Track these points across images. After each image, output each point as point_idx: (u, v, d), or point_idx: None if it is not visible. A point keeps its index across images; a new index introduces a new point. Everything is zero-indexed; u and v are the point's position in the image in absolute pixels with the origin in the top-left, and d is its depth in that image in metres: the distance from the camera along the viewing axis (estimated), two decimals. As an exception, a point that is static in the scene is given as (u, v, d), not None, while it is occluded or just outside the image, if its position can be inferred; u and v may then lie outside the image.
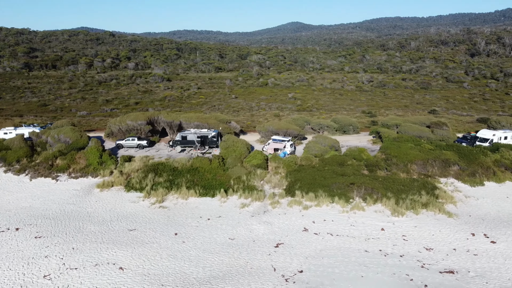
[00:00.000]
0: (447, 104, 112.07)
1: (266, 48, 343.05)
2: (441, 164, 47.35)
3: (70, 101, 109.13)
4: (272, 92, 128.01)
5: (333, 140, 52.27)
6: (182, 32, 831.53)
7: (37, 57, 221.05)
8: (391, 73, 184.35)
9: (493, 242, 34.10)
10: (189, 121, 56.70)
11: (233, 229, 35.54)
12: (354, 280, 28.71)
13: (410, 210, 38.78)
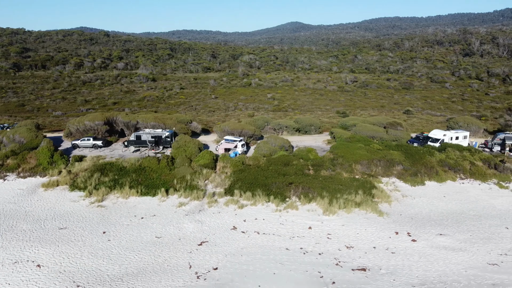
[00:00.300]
0: (424, 104, 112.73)
1: (261, 48, 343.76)
2: (385, 164, 48.08)
3: (50, 101, 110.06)
4: (253, 92, 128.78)
5: (283, 140, 53.03)
6: (181, 32, 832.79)
7: (29, 57, 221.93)
8: (378, 73, 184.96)
9: (413, 241, 34.87)
10: (146, 121, 57.54)
11: (163, 227, 36.36)
12: (265, 277, 29.49)
13: (343, 209, 39.53)
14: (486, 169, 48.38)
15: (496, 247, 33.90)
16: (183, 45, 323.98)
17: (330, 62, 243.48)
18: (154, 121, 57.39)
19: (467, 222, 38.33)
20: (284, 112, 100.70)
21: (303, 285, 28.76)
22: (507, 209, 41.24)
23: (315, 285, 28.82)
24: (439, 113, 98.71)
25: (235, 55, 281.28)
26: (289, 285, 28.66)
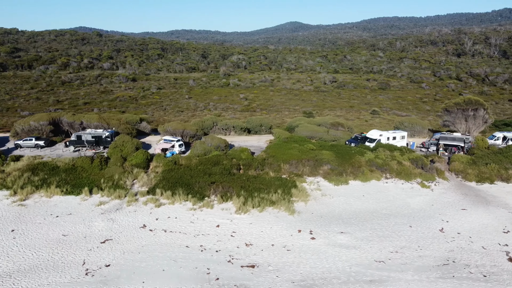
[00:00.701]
0: (394, 104, 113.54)
1: (253, 48, 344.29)
2: (313, 164, 48.99)
3: (23, 101, 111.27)
4: (229, 92, 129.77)
5: (220, 140, 54.00)
6: (180, 32, 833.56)
7: (19, 57, 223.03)
8: (361, 74, 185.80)
9: (313, 239, 35.82)
10: (90, 122, 58.63)
11: (74, 226, 37.38)
12: (152, 274, 30.48)
13: (256, 208, 40.48)
14: (413, 168, 49.22)
15: (390, 245, 34.83)
16: (175, 45, 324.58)
17: (317, 62, 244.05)
18: (98, 121, 58.43)
19: (374, 221, 39.24)
20: (252, 112, 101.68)
21: (187, 281, 29.74)
22: (420, 208, 42.15)
23: (199, 281, 29.79)
24: (405, 113, 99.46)
25: (226, 55, 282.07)
26: (173, 281, 29.63)
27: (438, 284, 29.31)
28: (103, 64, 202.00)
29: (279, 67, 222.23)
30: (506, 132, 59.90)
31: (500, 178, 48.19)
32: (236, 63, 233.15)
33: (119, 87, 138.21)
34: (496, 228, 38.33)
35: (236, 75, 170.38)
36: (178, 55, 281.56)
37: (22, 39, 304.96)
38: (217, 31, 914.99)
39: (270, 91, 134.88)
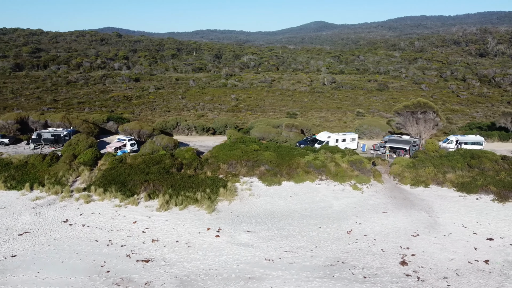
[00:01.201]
0: (384, 106, 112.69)
1: (269, 48, 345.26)
2: (251, 164, 50.23)
3: (24, 100, 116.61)
4: (223, 93, 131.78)
5: (170, 140, 55.92)
6: (204, 32, 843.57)
7: (40, 57, 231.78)
8: (367, 74, 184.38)
9: (217, 236, 37.24)
10: (53, 121, 61.76)
11: (1, 218, 40.02)
12: (51, 265, 32.65)
13: (179, 206, 42.16)
14: (351, 170, 49.65)
15: (288, 244, 35.83)
16: (191, 45, 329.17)
17: (328, 62, 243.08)
18: (61, 120, 61.47)
19: (287, 221, 40.22)
20: (237, 112, 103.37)
21: (79, 272, 31.76)
22: (341, 210, 42.78)
23: (90, 272, 31.78)
24: (389, 115, 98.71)
25: (239, 55, 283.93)
26: (66, 272, 31.71)
27: (313, 283, 30.21)
28: (114, 64, 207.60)
29: (287, 67, 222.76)
30: (460, 136, 59.23)
31: (436, 182, 48.03)
32: (246, 63, 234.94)
33: (119, 87, 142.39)
34: (407, 231, 38.63)
35: (238, 76, 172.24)
36: (192, 55, 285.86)
37: (45, 39, 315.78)
38: (241, 31, 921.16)
39: (266, 91, 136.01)
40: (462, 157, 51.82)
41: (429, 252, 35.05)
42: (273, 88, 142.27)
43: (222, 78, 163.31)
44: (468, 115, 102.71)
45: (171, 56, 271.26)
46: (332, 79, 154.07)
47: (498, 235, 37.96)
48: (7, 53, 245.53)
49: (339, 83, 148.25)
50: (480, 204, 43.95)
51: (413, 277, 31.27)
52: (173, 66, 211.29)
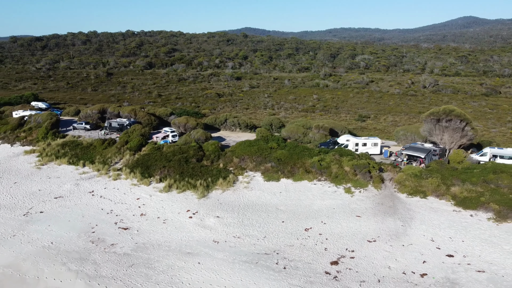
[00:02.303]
0: (476, 113, 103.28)
1: (392, 47, 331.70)
2: (260, 160, 54.56)
3: (138, 94, 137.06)
4: (311, 92, 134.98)
5: (203, 133, 62.94)
6: (338, 30, 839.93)
7: (172, 56, 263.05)
8: (485, 77, 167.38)
9: (190, 217, 43.23)
10: (123, 112, 74.26)
11: (51, 185, 52.17)
12: (60, 221, 42.74)
13: (177, 190, 49.21)
14: (352, 174, 50.33)
15: (241, 231, 39.98)
16: (310, 45, 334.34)
17: (449, 63, 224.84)
18: (129, 112, 73.65)
19: (259, 213, 43.98)
20: (311, 112, 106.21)
21: (74, 229, 41.09)
22: (318, 209, 44.66)
23: (81, 230, 40.84)
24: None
25: (356, 55, 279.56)
26: (65, 227, 41.33)
27: (234, 265, 34.20)
28: (229, 63, 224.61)
29: (400, 68, 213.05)
30: (498, 149, 53.68)
31: (436, 194, 45.79)
32: (357, 63, 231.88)
33: (219, 85, 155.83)
34: (366, 236, 39.17)
35: (338, 76, 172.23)
36: (308, 55, 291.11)
37: (181, 40, 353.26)
38: (376, 29, 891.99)
39: (355, 92, 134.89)
40: (484, 171, 48.03)
41: (371, 258, 35.56)
42: (365, 89, 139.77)
43: (320, 78, 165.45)
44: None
45: (287, 55, 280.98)
46: (435, 82, 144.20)
47: (462, 253, 36.05)
48: (148, 53, 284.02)
49: (440, 86, 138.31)
50: (470, 221, 41.19)
51: (331, 276, 32.82)
52: (279, 66, 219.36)
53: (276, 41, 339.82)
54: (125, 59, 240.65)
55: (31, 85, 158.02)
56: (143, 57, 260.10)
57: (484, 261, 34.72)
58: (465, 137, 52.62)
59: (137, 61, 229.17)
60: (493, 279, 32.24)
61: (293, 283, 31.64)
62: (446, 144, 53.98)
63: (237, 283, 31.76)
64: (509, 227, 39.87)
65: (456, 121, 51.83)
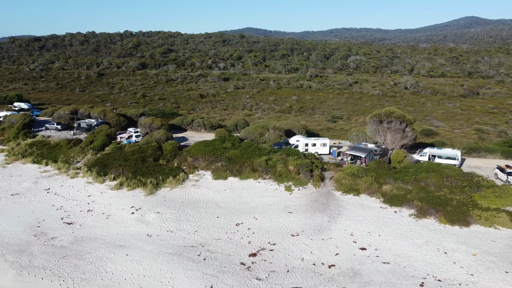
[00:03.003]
0: (441, 114, 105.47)
1: (387, 47, 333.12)
2: (212, 159, 57.23)
3: (123, 95, 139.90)
4: (291, 93, 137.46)
5: (164, 133, 65.72)
6: (339, 31, 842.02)
7: (167, 57, 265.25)
8: (470, 78, 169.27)
9: (132, 213, 45.93)
10: (93, 113, 77.15)
11: (10, 183, 54.99)
12: (9, 216, 45.50)
13: (128, 187, 51.94)
14: (295, 173, 52.89)
15: (176, 226, 42.73)
16: (306, 45, 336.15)
17: (439, 64, 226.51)
18: (98, 113, 76.54)
19: (198, 209, 46.68)
20: (286, 114, 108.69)
21: (21, 223, 43.75)
22: (256, 206, 47.23)
23: (27, 225, 43.57)
24: (442, 124, 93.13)
25: (348, 56, 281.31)
26: (13, 222, 44.05)
27: (158, 256, 36.88)
28: (220, 64, 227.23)
29: (389, 68, 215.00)
30: (437, 149, 56.03)
31: (368, 192, 48.28)
32: (347, 64, 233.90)
33: (206, 86, 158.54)
34: (291, 231, 41.73)
35: (324, 77, 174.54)
36: (302, 56, 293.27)
37: (178, 41, 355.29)
38: (378, 29, 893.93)
39: (337, 94, 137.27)
40: (418, 170, 50.47)
41: (288, 250, 38.14)
42: (347, 90, 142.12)
43: (305, 79, 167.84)
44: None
45: (281, 56, 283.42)
46: (416, 83, 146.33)
47: (375, 246, 38.56)
48: (144, 53, 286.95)
49: (420, 87, 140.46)
50: (393, 217, 43.69)
51: (245, 266, 35.46)
52: (270, 67, 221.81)
53: (272, 42, 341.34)
54: (119, 60, 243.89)
55: (22, 85, 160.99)
56: (138, 57, 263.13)
57: (393, 253, 37.22)
58: (405, 138, 55.00)
59: (131, 62, 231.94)
60: (394, 269, 34.75)
61: (207, 272, 34.27)
62: (388, 144, 56.41)
63: (156, 272, 34.42)
64: (426, 222, 42.33)
65: (397, 122, 54.24)
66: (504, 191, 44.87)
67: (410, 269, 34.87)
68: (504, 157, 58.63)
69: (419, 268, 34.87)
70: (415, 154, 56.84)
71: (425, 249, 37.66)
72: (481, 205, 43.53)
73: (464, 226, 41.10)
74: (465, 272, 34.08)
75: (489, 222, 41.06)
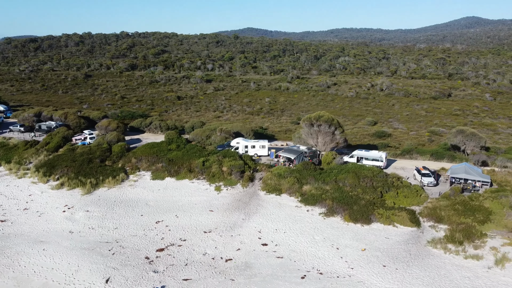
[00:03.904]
0: (405, 117, 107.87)
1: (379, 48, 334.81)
2: (154, 160, 60.22)
3: (104, 97, 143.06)
4: (267, 95, 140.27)
5: (115, 135, 68.79)
6: (340, 31, 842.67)
7: (158, 58, 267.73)
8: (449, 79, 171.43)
9: (64, 211, 48.90)
10: (55, 115, 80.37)
11: (-38, 182, 58.15)
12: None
13: (68, 187, 55.00)
14: (228, 174, 55.78)
15: (99, 223, 45.68)
16: (298, 46, 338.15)
17: (425, 65, 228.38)
18: (59, 116, 79.76)
19: (126, 208, 49.66)
20: (256, 115, 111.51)
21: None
22: (182, 205, 50.19)
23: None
24: (403, 126, 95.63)
25: (340, 56, 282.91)
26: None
27: (72, 252, 39.85)
28: (207, 66, 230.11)
29: (373, 70, 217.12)
30: (364, 151, 58.69)
31: (289, 191, 51.04)
32: (334, 65, 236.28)
33: (187, 87, 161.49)
34: (204, 228, 44.65)
35: (306, 79, 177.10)
36: (292, 56, 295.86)
37: (172, 42, 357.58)
38: (379, 29, 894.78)
39: (312, 95, 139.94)
40: (341, 171, 53.17)
41: (195, 246, 41.13)
42: (322, 92, 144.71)
43: (286, 80, 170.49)
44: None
45: (271, 57, 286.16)
46: (391, 85, 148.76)
47: (276, 242, 41.42)
48: (138, 54, 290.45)
49: (394, 89, 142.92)
50: (304, 215, 46.46)
51: (148, 260, 38.43)
52: (259, 68, 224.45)
53: (265, 43, 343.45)
54: (110, 61, 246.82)
55: (8, 86, 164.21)
56: (131, 58, 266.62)
57: (290, 249, 40.07)
58: (335, 141, 57.73)
59: (120, 63, 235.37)
60: (285, 263, 37.61)
61: (110, 265, 37.24)
62: (320, 146, 59.17)
63: (64, 265, 37.42)
64: (332, 220, 45.11)
65: (326, 125, 56.98)
66: (411, 192, 47.57)
67: (299, 263, 37.69)
68: (434, 158, 61.16)
69: (307, 262, 37.70)
70: (345, 156, 59.48)
71: (321, 245, 40.45)
72: (387, 205, 46.25)
73: (365, 224, 43.83)
74: (347, 266, 36.86)
75: (389, 220, 43.75)
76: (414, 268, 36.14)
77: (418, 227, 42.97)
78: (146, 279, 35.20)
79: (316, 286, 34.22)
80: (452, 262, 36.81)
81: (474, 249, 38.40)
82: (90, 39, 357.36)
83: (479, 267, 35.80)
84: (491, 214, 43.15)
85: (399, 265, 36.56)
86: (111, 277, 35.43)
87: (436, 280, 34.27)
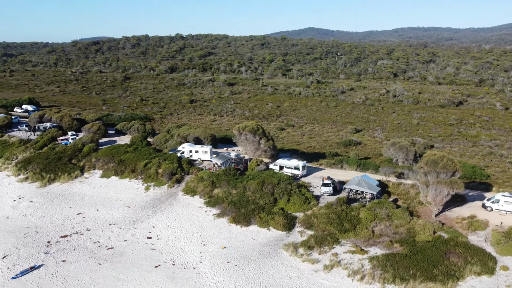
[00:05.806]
0: (398, 125, 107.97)
1: (428, 50, 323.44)
2: (107, 160, 69.13)
3: (129, 98, 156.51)
4: (275, 99, 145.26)
5: (89, 136, 78.85)
6: (405, 30, 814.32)
7: (204, 59, 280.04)
8: (482, 86, 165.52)
9: (14, 201, 58.99)
10: (54, 117, 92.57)
11: (-43, 172, 71.12)
12: None
13: (31, 180, 65.37)
14: (161, 175, 63.10)
15: (31, 212, 54.85)
16: (346, 48, 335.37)
17: (464, 69, 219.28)
18: (56, 118, 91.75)
19: (62, 201, 58.56)
20: (251, 119, 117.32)
21: None
22: (110, 200, 58.21)
23: None
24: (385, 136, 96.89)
25: (377, 60, 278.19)
26: None
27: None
28: (241, 68, 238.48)
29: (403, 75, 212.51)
30: (286, 160, 62.51)
31: (201, 193, 57.00)
32: (366, 69, 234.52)
33: (207, 91, 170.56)
34: (111, 220, 52.23)
35: (324, 83, 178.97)
36: (334, 58, 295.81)
37: (220, 44, 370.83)
38: (448, 28, 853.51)
39: (319, 101, 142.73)
40: (255, 177, 58.20)
41: (94, 235, 48.82)
42: (330, 98, 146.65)
43: (305, 85, 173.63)
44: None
45: (312, 60, 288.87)
46: (403, 91, 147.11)
47: (160, 236, 47.87)
48: (185, 56, 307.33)
49: (404, 96, 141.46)
50: (199, 215, 52.26)
51: (48, 244, 46.68)
52: (288, 72, 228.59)
53: (310, 45, 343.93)
54: (155, 63, 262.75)
55: (55, 88, 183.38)
56: (178, 60, 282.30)
57: (166, 243, 46.55)
58: (260, 149, 62.63)
59: (162, 65, 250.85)
60: (152, 254, 44.17)
61: (15, 245, 46.01)
62: (248, 153, 64.32)
63: (-17, 243, 46.87)
64: (220, 221, 50.61)
65: (250, 135, 62.12)
66: (300, 199, 51.62)
67: (164, 254, 44.05)
68: (360, 169, 63.60)
69: (170, 254, 43.96)
70: (271, 164, 63.95)
71: (193, 241, 46.43)
72: (274, 210, 50.79)
73: (244, 226, 48.84)
74: (198, 260, 42.57)
75: (266, 223, 48.41)
76: (252, 265, 40.94)
77: (288, 231, 47.21)
78: (34, 258, 43.45)
79: (163, 274, 40.39)
80: (289, 263, 41.04)
81: (318, 254, 42.18)
82: (146, 41, 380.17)
83: (308, 270, 39.78)
84: (358, 224, 46.26)
85: (241, 262, 41.52)
86: (9, 255, 44.08)
87: (260, 276, 38.96)
